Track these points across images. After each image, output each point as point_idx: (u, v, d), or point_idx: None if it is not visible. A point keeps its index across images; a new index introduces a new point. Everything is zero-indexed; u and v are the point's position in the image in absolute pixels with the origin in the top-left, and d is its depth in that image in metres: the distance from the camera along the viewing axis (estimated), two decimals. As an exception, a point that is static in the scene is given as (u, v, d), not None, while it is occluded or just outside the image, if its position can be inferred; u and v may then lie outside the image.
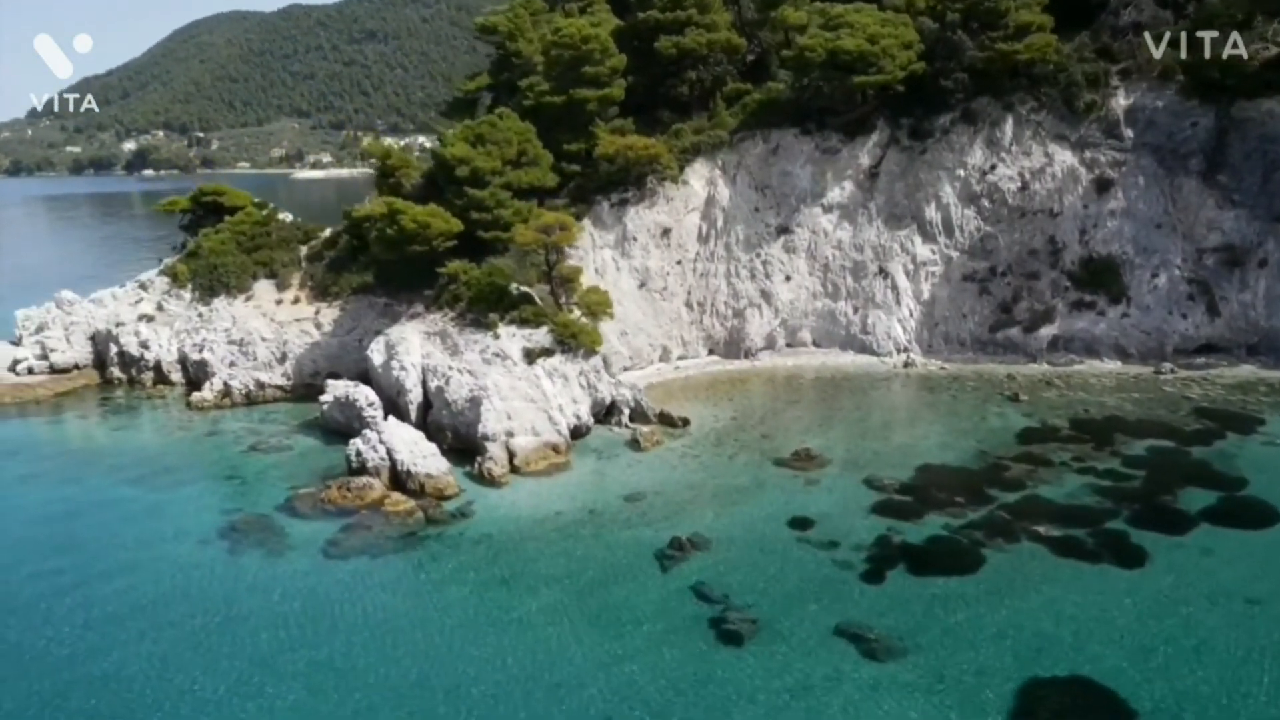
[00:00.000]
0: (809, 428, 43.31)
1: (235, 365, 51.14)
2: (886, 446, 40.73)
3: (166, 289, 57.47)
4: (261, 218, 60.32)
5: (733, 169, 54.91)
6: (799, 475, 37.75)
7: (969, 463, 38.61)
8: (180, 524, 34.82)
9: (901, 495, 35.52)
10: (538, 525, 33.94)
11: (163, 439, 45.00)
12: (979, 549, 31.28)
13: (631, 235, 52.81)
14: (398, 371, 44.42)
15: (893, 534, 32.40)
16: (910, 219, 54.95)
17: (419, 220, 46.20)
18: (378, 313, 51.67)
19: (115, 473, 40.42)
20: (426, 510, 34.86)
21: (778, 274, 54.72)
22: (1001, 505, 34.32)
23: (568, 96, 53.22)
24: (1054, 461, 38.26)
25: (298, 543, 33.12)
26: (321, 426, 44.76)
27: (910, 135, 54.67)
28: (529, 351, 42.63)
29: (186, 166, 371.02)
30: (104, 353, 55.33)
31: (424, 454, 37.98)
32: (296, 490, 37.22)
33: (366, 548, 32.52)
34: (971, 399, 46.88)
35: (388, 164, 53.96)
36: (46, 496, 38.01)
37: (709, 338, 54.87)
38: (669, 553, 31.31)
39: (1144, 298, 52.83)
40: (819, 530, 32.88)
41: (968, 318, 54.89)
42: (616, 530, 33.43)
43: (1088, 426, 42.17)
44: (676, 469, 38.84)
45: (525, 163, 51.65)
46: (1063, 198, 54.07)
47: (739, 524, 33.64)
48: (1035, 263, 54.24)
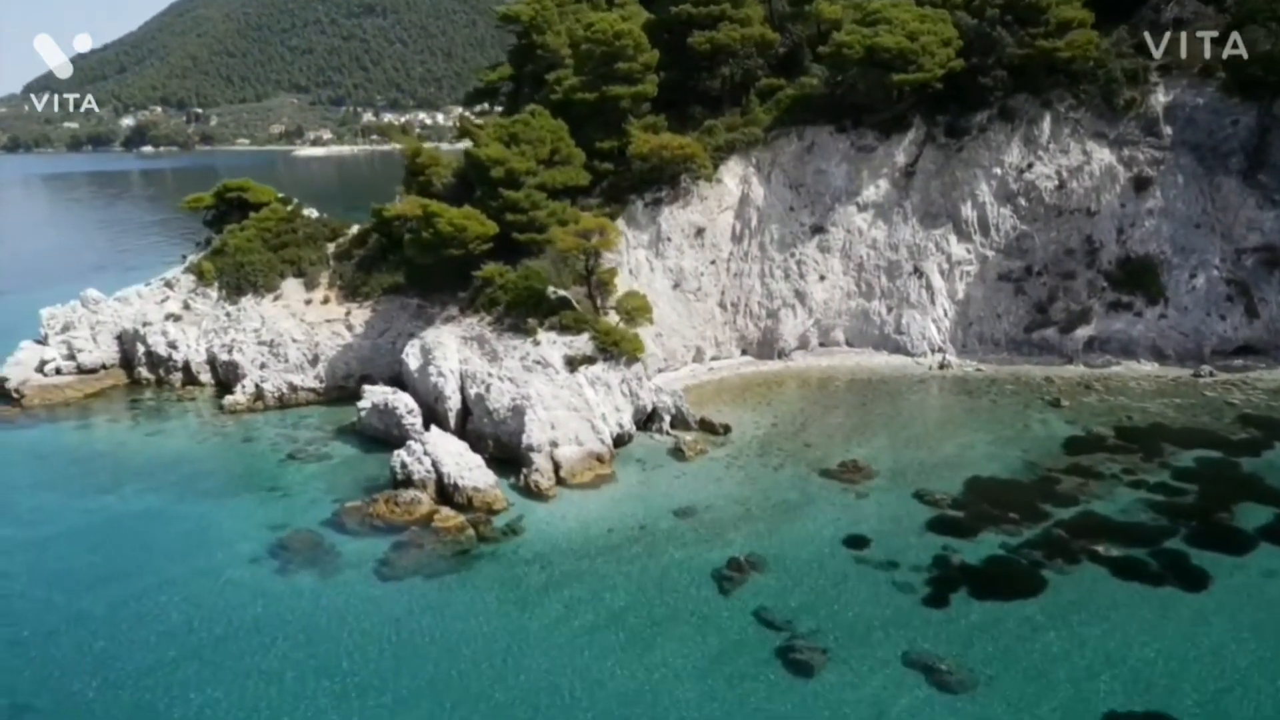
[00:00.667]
0: (851, 435, 42.99)
1: (266, 367, 50.65)
2: (932, 457, 40.41)
3: (192, 287, 56.88)
4: (287, 213, 59.65)
5: (767, 167, 54.21)
6: (847, 488, 37.48)
7: (1018, 474, 38.35)
8: (228, 541, 34.52)
9: (954, 511, 35.29)
10: (590, 543, 33.65)
11: (198, 445, 44.56)
12: (1039, 570, 31.08)
13: (666, 235, 52.21)
14: (435, 378, 44.01)
15: (950, 553, 32.18)
16: (946, 218, 54.37)
17: (455, 224, 45.56)
18: (410, 314, 51.14)
19: (154, 483, 40.04)
20: (477, 526, 34.57)
21: (812, 274, 54.19)
22: (1057, 522, 34.08)
23: (600, 94, 52.36)
24: (1104, 474, 38.00)
25: (350, 562, 32.85)
26: (359, 433, 44.42)
27: (946, 133, 53.95)
28: (571, 359, 42.19)
29: (185, 143, 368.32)
30: (131, 352, 54.78)
31: (470, 466, 37.66)
32: (342, 504, 36.89)
33: (420, 568, 32.25)
34: (1012, 404, 46.55)
35: (417, 162, 53.15)
36: (86, 508, 37.67)
37: (742, 338, 54.42)
38: (727, 574, 31.10)
39: (1182, 298, 52.39)
40: (875, 549, 32.65)
41: (1002, 318, 54.45)
42: (670, 549, 33.16)
43: (1133, 435, 41.89)
44: (723, 481, 38.54)
45: (558, 161, 50.95)
46: (1100, 196, 53.48)
47: (793, 542, 33.41)
48: (1071, 262, 53.73)
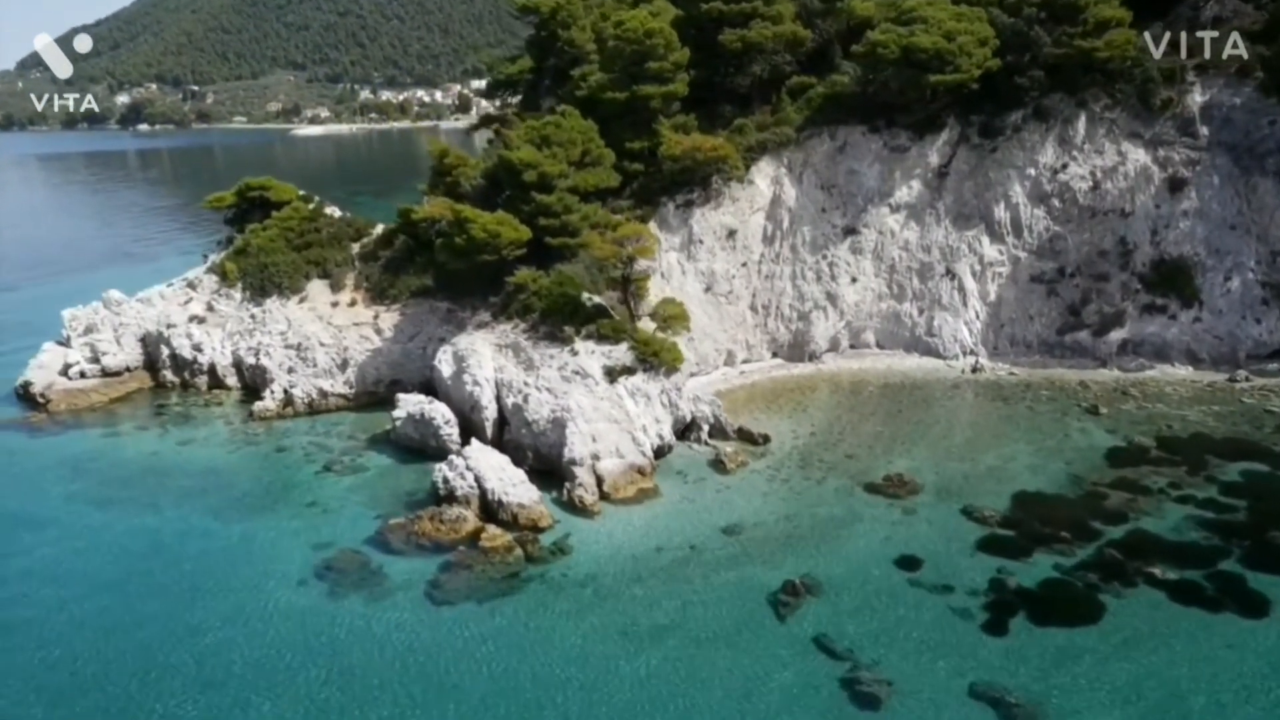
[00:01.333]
0: (892, 446, 42.68)
1: (295, 372, 50.13)
2: (976, 469, 40.14)
3: (215, 288, 56.21)
4: (309, 212, 58.91)
5: (799, 167, 53.53)
6: (893, 504, 37.22)
7: (1064, 489, 38.10)
8: (273, 562, 34.20)
9: (1004, 529, 35.04)
10: (640, 564, 33.38)
11: (230, 455, 44.12)
12: (1096, 594, 30.89)
13: (698, 238, 51.62)
14: (471, 386, 43.57)
15: (1004, 576, 31.96)
16: (979, 219, 53.81)
17: (489, 229, 44.94)
18: (440, 319, 50.58)
19: (191, 497, 39.68)
20: (524, 546, 34.27)
21: (843, 276, 53.69)
22: (1109, 542, 33.88)
23: (630, 93, 51.54)
24: (1150, 489, 37.76)
25: (398, 584, 32.56)
26: (393, 443, 44.03)
27: (980, 133, 53.27)
28: (610, 370, 41.76)
29: (182, 121, 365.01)
30: (155, 355, 54.23)
31: (513, 481, 37.32)
32: (385, 520, 36.58)
33: (471, 591, 31.96)
34: (1049, 411, 46.24)
35: (445, 162, 52.38)
36: (127, 528, 37.26)
37: (773, 340, 53.98)
38: (783, 598, 30.87)
39: (1216, 301, 52.00)
40: (929, 571, 32.43)
41: (1035, 320, 54.04)
42: (722, 570, 32.92)
43: (1175, 446, 41.63)
44: (768, 496, 38.25)
45: (588, 163, 50.25)
46: (1134, 197, 52.92)
47: (845, 562, 33.17)
48: (1105, 264, 53.26)
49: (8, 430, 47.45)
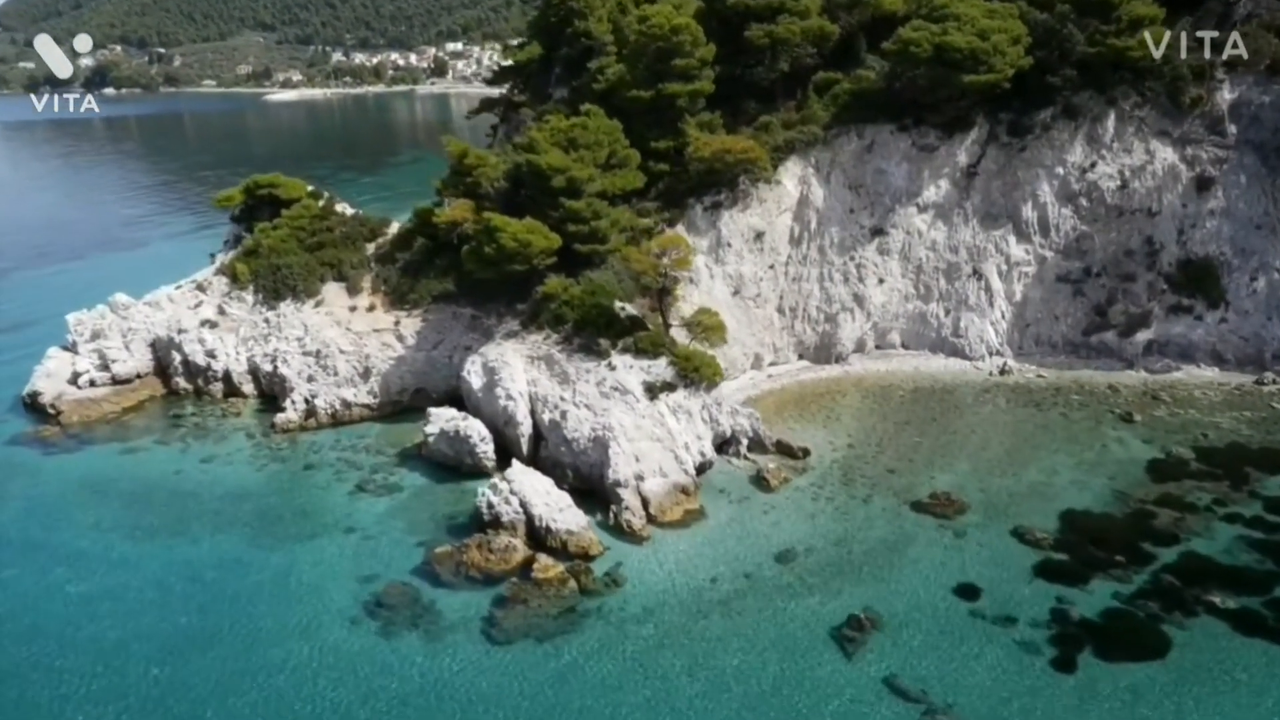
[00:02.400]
0: (932, 459, 42.40)
1: (315, 381, 48.89)
2: (1019, 485, 39.98)
3: (226, 290, 54.61)
4: (319, 210, 57.24)
5: (826, 167, 52.54)
6: (943, 525, 37.00)
7: (1110, 507, 38.04)
8: (321, 598, 33.38)
9: (1057, 553, 34.94)
10: (697, 597, 32.95)
11: (257, 473, 43.02)
12: (1158, 625, 30.90)
13: (726, 241, 50.67)
14: (504, 400, 42.68)
15: (1064, 605, 31.88)
16: (1006, 218, 53.24)
17: (520, 239, 43.73)
18: (464, 325, 49.45)
19: (223, 523, 38.60)
20: (578, 577, 33.68)
21: (871, 277, 53.07)
22: (1163, 566, 33.90)
23: (656, 92, 50.19)
24: (1196, 506, 37.81)
25: (453, 621, 31.93)
26: (425, 459, 43.14)
27: (1009, 131, 52.48)
28: (650, 386, 41.00)
29: (149, 85, 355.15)
30: (166, 360, 52.69)
31: (560, 506, 36.66)
32: (430, 549, 35.84)
33: (529, 628, 31.40)
34: (1083, 418, 46.14)
35: (464, 163, 50.83)
36: (162, 560, 36.14)
37: (800, 343, 53.40)
38: (848, 633, 30.61)
39: (1242, 302, 51.99)
40: (989, 601, 32.27)
41: (1060, 320, 53.83)
42: (781, 601, 32.58)
43: (1213, 457, 41.69)
44: (815, 518, 37.89)
45: (614, 164, 49.04)
46: (1162, 196, 52.55)
47: (904, 592, 32.91)
48: (1131, 264, 53.01)
49: (22, 447, 46.04)
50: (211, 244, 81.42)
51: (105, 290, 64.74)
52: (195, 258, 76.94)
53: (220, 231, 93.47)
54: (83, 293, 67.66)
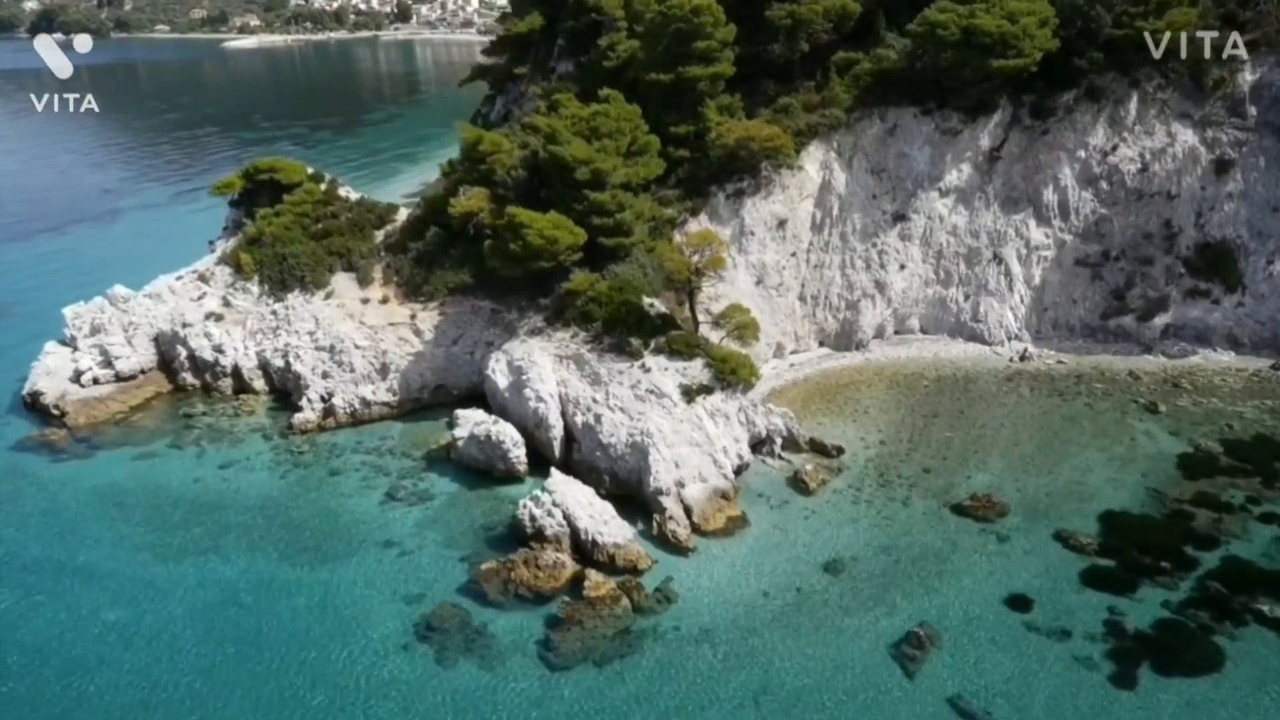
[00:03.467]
0: (965, 456, 42.36)
1: (330, 377, 47.59)
2: (1055, 483, 40.08)
3: (230, 281, 52.73)
4: (322, 194, 55.27)
5: (848, 151, 51.52)
6: (986, 530, 37.05)
7: (1148, 507, 38.28)
8: (367, 622, 32.65)
9: (1103, 558, 35.15)
10: (750, 612, 32.74)
11: (281, 481, 41.86)
12: (1210, 637, 31.23)
13: (749, 230, 49.70)
14: (534, 403, 41.82)
15: (1117, 616, 32.12)
16: (1027, 202, 52.76)
17: (546, 235, 42.44)
18: (484, 320, 48.22)
19: (254, 539, 37.57)
20: (630, 594, 33.30)
21: (892, 263, 52.51)
22: (1208, 572, 34.24)
23: (676, 75, 48.62)
24: (1231, 505, 38.17)
25: (508, 645, 31.46)
26: (454, 462, 42.27)
27: (1032, 114, 51.73)
28: (687, 389, 40.33)
29: (100, 30, 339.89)
30: (170, 354, 50.96)
31: (604, 518, 36.13)
32: (474, 564, 35.28)
33: (586, 652, 31.02)
34: (1108, 409, 46.30)
35: (478, 150, 49.05)
36: (195, 581, 35.09)
37: (820, 330, 52.92)
38: (907, 651, 30.63)
39: (1259, 286, 52.25)
40: (1042, 613, 32.43)
41: (1078, 304, 53.81)
42: (835, 617, 32.49)
43: (1241, 450, 42.05)
44: (857, 523, 37.75)
45: (635, 151, 47.62)
46: (1181, 179, 52.32)
47: (957, 605, 32.94)
48: (1150, 247, 52.93)
49: (30, 453, 44.40)
50: (191, 216, 79.35)
51: (93, 274, 62.98)
52: (180, 234, 75.09)
53: (199, 200, 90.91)
54: (70, 277, 65.86)
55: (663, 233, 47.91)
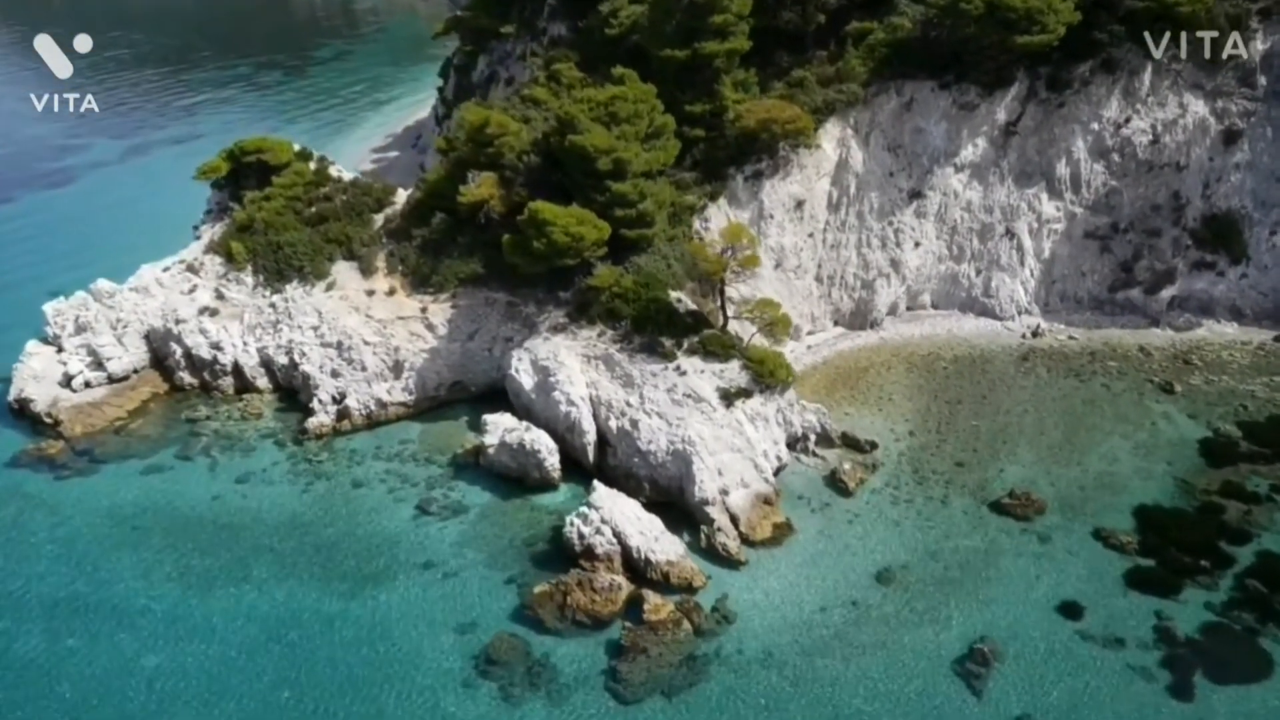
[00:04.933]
0: (995, 447, 42.54)
1: (340, 376, 45.76)
2: (1086, 476, 40.57)
3: (222, 272, 50.01)
4: (312, 175, 52.36)
5: (865, 127, 50.19)
6: (1026, 530, 37.46)
7: (1178, 500, 38.96)
8: (422, 656, 31.98)
9: (1143, 558, 35.83)
10: (811, 632, 32.76)
11: (305, 495, 40.36)
12: (1256, 640, 32.20)
13: (768, 213, 48.47)
14: (565, 406, 40.79)
15: (1165, 621, 32.87)
16: (1040, 176, 52.25)
17: (572, 232, 40.74)
18: (500, 313, 46.56)
19: (285, 563, 36.37)
20: (689, 615, 33.06)
21: (908, 241, 51.87)
22: (1245, 569, 35.13)
23: (692, 51, 46.49)
24: (1258, 495, 39.03)
25: (574, 678, 31.12)
26: (483, 468, 41.21)
27: (1048, 86, 50.76)
28: (726, 393, 39.58)
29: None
30: (164, 352, 48.50)
31: (655, 534, 35.65)
32: (522, 586, 34.69)
33: (654, 682, 30.82)
34: (1125, 390, 46.81)
35: (485, 132, 46.55)
36: (233, 614, 33.91)
37: (836, 310, 52.36)
38: (973, 669, 31.05)
39: (1262, 256, 52.84)
40: (1093, 620, 33.05)
41: (1087, 276, 53.95)
42: (894, 633, 32.70)
43: (1259, 435, 42.82)
44: (900, 525, 37.87)
45: (651, 134, 45.72)
46: (1191, 150, 52.19)
47: (1010, 615, 33.37)
48: (1158, 219, 53.01)
49: (29, 470, 42.19)
50: (154, 179, 75.03)
51: (58, 258, 59.59)
52: (148, 202, 71.07)
53: (155, 156, 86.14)
54: (33, 261, 62.07)
55: (682, 219, 46.47)
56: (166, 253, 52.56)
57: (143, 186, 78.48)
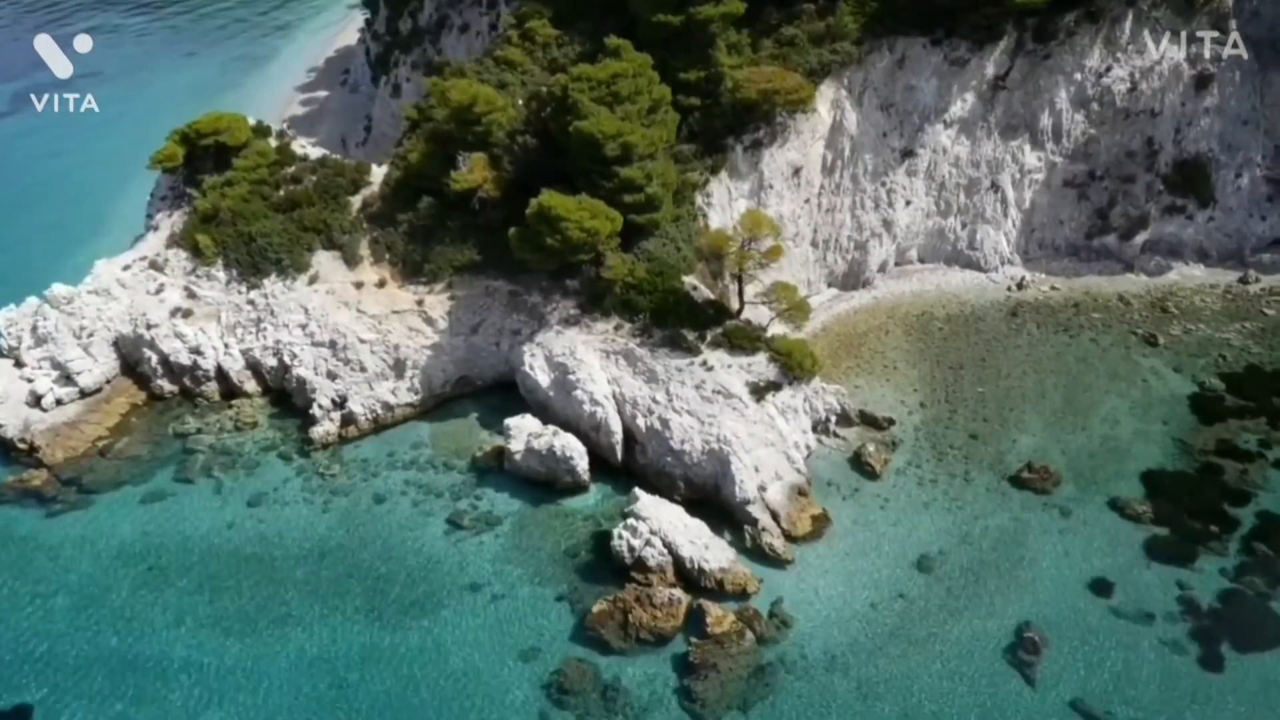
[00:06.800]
0: (1003, 415, 43.80)
1: (339, 378, 43.67)
2: (1091, 441, 42.29)
3: (189, 268, 46.52)
4: (275, 154, 48.53)
5: (859, 87, 49.07)
6: (1047, 504, 39.05)
7: (1179, 463, 41.04)
8: (489, 689, 31.84)
9: (1158, 527, 37.90)
10: (867, 629, 33.82)
11: (326, 517, 38.79)
12: (1268, 604, 34.73)
13: (768, 183, 47.47)
14: (589, 406, 40.05)
15: (1187, 591, 35.12)
16: (1024, 128, 52.46)
17: (587, 227, 39.03)
18: (503, 304, 44.76)
19: (323, 597, 35.23)
20: (751, 624, 33.63)
21: (899, 200, 51.76)
22: (1250, 532, 37.57)
23: (687, 16, 44.21)
24: (1249, 451, 41.49)
25: (648, 700, 31.50)
26: (507, 473, 40.35)
27: (1035, 38, 50.39)
28: (756, 388, 39.37)
29: None
30: (135, 357, 45.39)
31: (704, 542, 35.84)
32: (576, 604, 34.62)
33: (728, 698, 31.46)
34: (1112, 344, 48.57)
35: (473, 111, 43.64)
36: (284, 658, 32.86)
37: (830, 273, 52.31)
38: (1025, 658, 32.67)
39: (1228, 199, 54.79)
40: (1122, 595, 35.02)
41: (1065, 224, 55.08)
42: (942, 623, 34.02)
43: (1241, 387, 45.19)
44: (930, 508, 38.98)
45: (650, 108, 43.73)
46: (1165, 96, 53.03)
47: (1046, 596, 35.05)
48: (1132, 165, 54.13)
49: (15, 506, 39.45)
50: (54, 139, 68.94)
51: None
52: (52, 171, 64.99)
53: (45, 110, 77.87)
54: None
55: (686, 198, 45.09)
56: (100, 231, 48.36)
57: (43, 152, 71.54)
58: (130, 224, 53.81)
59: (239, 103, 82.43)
